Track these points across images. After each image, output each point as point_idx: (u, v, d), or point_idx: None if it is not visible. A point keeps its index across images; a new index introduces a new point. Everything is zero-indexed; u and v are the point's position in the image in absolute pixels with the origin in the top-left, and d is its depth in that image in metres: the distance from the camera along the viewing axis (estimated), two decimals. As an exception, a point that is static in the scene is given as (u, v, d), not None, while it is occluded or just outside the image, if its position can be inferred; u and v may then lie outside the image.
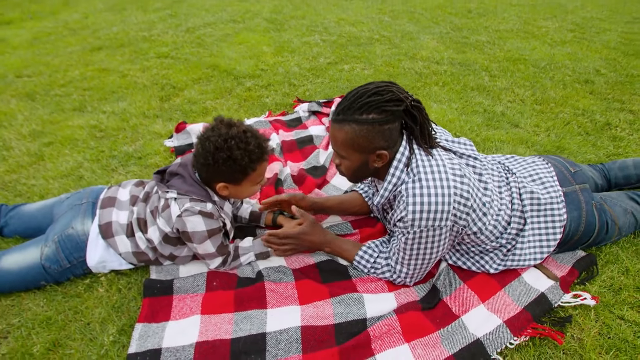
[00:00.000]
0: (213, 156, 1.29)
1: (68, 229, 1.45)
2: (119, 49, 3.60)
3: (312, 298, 1.43)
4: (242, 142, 1.30)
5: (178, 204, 1.36)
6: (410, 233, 1.32)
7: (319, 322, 1.34)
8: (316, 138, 2.36)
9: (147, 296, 1.40)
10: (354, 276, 1.54)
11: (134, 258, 1.48)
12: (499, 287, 1.49)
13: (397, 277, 1.48)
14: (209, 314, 1.37)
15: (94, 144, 2.26)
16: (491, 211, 1.43)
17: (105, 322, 1.35)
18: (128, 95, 2.78)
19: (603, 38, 4.16)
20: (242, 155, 1.30)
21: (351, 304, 1.41)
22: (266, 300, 1.41)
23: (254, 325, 1.34)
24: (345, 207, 1.80)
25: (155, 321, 1.34)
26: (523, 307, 1.42)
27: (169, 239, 1.44)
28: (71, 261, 1.44)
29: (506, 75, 3.25)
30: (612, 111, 2.75)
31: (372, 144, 1.31)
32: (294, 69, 3.28)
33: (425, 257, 1.39)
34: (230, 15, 4.59)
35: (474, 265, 1.54)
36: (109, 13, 4.62)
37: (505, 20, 4.63)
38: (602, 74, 3.33)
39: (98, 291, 1.45)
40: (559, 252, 1.63)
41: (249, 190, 1.44)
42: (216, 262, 1.50)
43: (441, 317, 1.39)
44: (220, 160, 1.29)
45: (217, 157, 1.29)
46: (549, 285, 1.49)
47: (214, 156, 1.29)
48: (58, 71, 3.10)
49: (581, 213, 1.53)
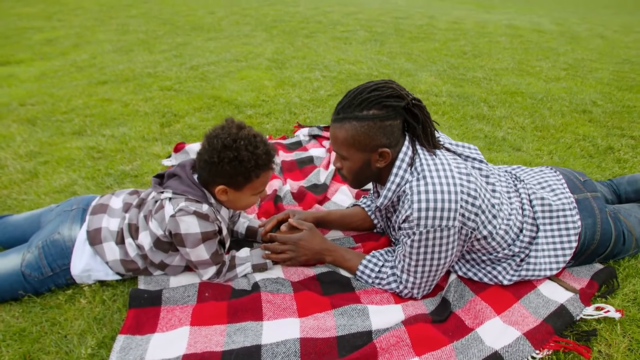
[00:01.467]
0: (219, 154, 1.24)
1: (54, 234, 1.37)
2: (123, 83, 3.68)
3: (312, 310, 1.32)
4: (251, 144, 1.26)
5: (172, 203, 1.29)
6: (416, 234, 1.24)
7: (320, 335, 1.22)
8: (316, 159, 2.32)
9: (132, 307, 1.29)
10: (357, 288, 1.43)
11: (121, 267, 1.38)
12: (515, 300, 1.38)
13: (403, 289, 1.38)
14: (199, 325, 1.25)
15: (90, 163, 2.22)
16: (501, 214, 1.35)
17: (84, 335, 1.23)
18: (129, 122, 2.78)
19: (596, 75, 4.27)
20: (249, 157, 1.25)
21: (355, 316, 1.29)
22: (262, 312, 1.30)
23: (248, 337, 1.22)
24: (347, 221, 1.72)
25: (140, 333, 1.22)
26: (542, 319, 1.30)
27: (160, 244, 1.35)
28: (54, 269, 1.34)
29: (504, 106, 3.28)
30: (613, 137, 2.74)
31: (373, 141, 1.26)
32: (295, 99, 3.33)
33: (433, 262, 1.29)
34: (234, 55, 4.75)
35: (485, 276, 1.44)
36: (116, 54, 4.78)
37: (500, 61, 4.79)
38: (599, 105, 3.36)
39: (80, 302, 1.34)
40: (575, 265, 1.53)
41: (248, 199, 1.38)
42: (210, 272, 1.40)
43: (454, 329, 1.27)
44: (226, 159, 1.24)
45: (224, 155, 1.24)
46: (568, 297, 1.38)
47: (220, 154, 1.24)
48: (61, 100, 3.14)
49: (596, 220, 1.45)
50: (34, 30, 5.79)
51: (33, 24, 6.13)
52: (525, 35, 6.47)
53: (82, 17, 6.81)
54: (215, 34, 5.98)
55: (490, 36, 6.30)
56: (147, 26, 6.34)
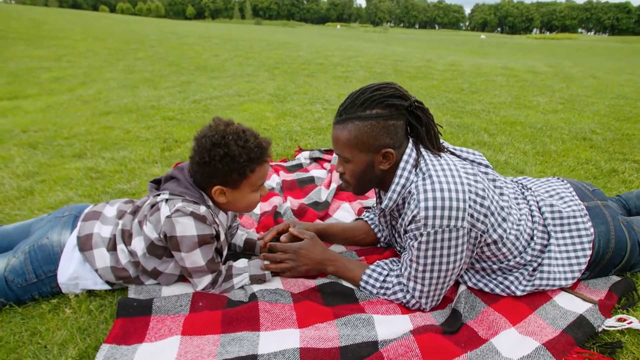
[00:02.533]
0: (209, 153, 1.21)
1: (42, 239, 1.31)
2: (127, 113, 3.73)
3: (313, 320, 1.23)
4: (241, 139, 1.23)
5: (169, 205, 1.24)
6: (423, 235, 1.18)
7: (322, 345, 1.13)
8: (317, 179, 2.29)
9: (120, 316, 1.20)
10: (361, 299, 1.34)
11: (111, 275, 1.30)
12: (530, 311, 1.29)
13: (410, 298, 1.29)
14: (191, 335, 1.16)
15: (88, 182, 2.18)
16: (511, 218, 1.30)
17: (65, 345, 1.13)
18: (130, 146, 2.78)
19: (592, 108, 4.34)
20: (240, 152, 1.22)
21: (359, 326, 1.20)
22: (259, 322, 1.20)
23: (243, 347, 1.12)
24: (349, 234, 1.65)
25: (126, 343, 1.13)
26: (562, 329, 1.21)
27: (154, 249, 1.28)
28: (39, 275, 1.27)
29: (505, 134, 3.30)
30: (616, 161, 2.72)
31: (377, 141, 1.24)
32: (296, 128, 3.35)
33: (442, 267, 1.22)
34: (236, 91, 4.86)
35: (497, 287, 1.36)
36: (121, 90, 4.90)
37: (497, 96, 4.89)
38: (598, 133, 3.38)
39: (64, 312, 1.25)
40: (590, 278, 1.45)
41: (248, 197, 1.32)
42: (204, 282, 1.32)
43: (466, 340, 1.17)
44: (217, 157, 1.21)
45: (214, 153, 1.21)
46: (587, 307, 1.29)
47: (211, 153, 1.21)
48: (64, 128, 3.16)
49: (609, 227, 1.39)
50: (43, 70, 5.98)
51: (43, 65, 6.34)
52: (520, 75, 6.66)
53: (90, 59, 7.06)
54: (219, 73, 6.17)
55: (486, 76, 6.49)
56: (153, 67, 6.55)
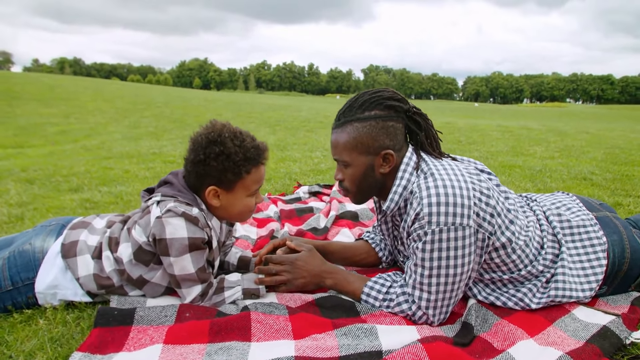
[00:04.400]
0: (205, 150, 1.19)
1: (24, 245, 1.24)
2: (128, 158, 3.76)
3: (311, 331, 1.11)
4: (237, 138, 1.22)
5: (160, 206, 1.19)
6: (428, 234, 1.11)
7: (319, 354, 1.01)
8: (316, 209, 2.23)
9: (98, 325, 1.09)
10: (362, 312, 1.23)
11: (93, 283, 1.21)
12: (548, 323, 1.18)
13: (417, 309, 1.18)
14: (174, 344, 1.04)
15: (81, 211, 2.13)
16: (519, 222, 1.24)
17: (33, 354, 1.02)
18: (128, 182, 2.76)
19: (589, 155, 4.38)
20: (236, 151, 1.20)
21: (361, 336, 1.09)
22: (251, 332, 1.09)
23: (231, 356, 1.00)
24: (349, 254, 1.57)
25: (101, 352, 1.01)
26: (586, 340, 1.09)
27: (141, 255, 1.20)
28: (15, 282, 1.18)
29: (505, 174, 3.30)
30: (619, 196, 2.68)
31: (376, 142, 1.22)
32: (295, 170, 3.36)
33: (449, 272, 1.14)
34: (238, 142, 4.96)
35: (510, 300, 1.26)
36: (125, 141, 5.00)
37: (494, 146, 4.97)
38: (598, 174, 3.38)
39: (37, 323, 1.14)
40: (609, 294, 1.35)
41: (243, 202, 1.27)
42: (194, 293, 1.22)
43: (480, 352, 1.06)
44: (212, 154, 1.18)
45: (209, 151, 1.18)
46: (610, 319, 1.18)
47: (206, 150, 1.19)
48: (64, 168, 3.16)
49: (622, 237, 1.33)
50: (51, 125, 6.16)
51: (51, 120, 6.55)
52: (515, 131, 6.84)
53: (98, 117, 7.31)
54: (221, 128, 6.33)
55: (482, 131, 6.67)
56: (158, 123, 6.76)
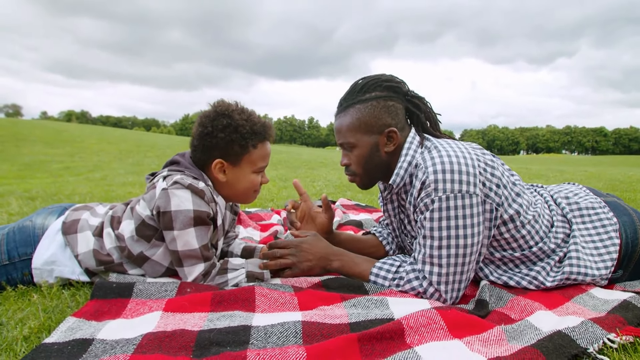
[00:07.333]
0: (212, 122, 1.20)
1: (25, 222, 1.21)
2: (130, 186, 3.77)
3: (318, 304, 1.06)
4: (245, 113, 1.25)
5: (167, 180, 1.18)
6: (435, 202, 1.10)
7: (328, 321, 0.96)
8: (320, 220, 2.20)
9: (95, 297, 1.04)
10: (371, 291, 1.18)
11: (92, 260, 1.17)
12: (566, 299, 1.13)
13: (428, 286, 1.13)
14: (174, 312, 0.99)
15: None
16: (525, 197, 1.22)
17: (24, 321, 0.96)
18: (129, 201, 2.75)
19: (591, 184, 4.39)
20: (243, 123, 1.21)
21: (371, 307, 1.04)
22: (255, 304, 1.04)
23: (234, 322, 0.95)
24: (359, 246, 1.54)
25: (96, 319, 0.96)
26: (607, 311, 1.04)
27: (143, 230, 1.17)
28: (12, 257, 1.14)
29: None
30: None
31: (379, 121, 1.24)
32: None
33: (459, 242, 1.10)
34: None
35: (523, 279, 1.21)
36: (128, 175, 5.03)
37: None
38: (601, 198, 3.37)
39: (32, 297, 1.08)
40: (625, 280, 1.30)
41: (249, 178, 1.27)
42: (196, 271, 1.18)
43: (498, 321, 1.00)
44: (219, 126, 1.20)
45: (217, 123, 1.20)
46: (630, 295, 1.13)
47: (214, 122, 1.20)
48: (66, 189, 3.16)
49: (632, 219, 1.30)
50: (55, 162, 6.24)
51: (55, 159, 6.64)
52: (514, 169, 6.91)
53: (102, 157, 7.42)
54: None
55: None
56: (160, 161, 6.84)
